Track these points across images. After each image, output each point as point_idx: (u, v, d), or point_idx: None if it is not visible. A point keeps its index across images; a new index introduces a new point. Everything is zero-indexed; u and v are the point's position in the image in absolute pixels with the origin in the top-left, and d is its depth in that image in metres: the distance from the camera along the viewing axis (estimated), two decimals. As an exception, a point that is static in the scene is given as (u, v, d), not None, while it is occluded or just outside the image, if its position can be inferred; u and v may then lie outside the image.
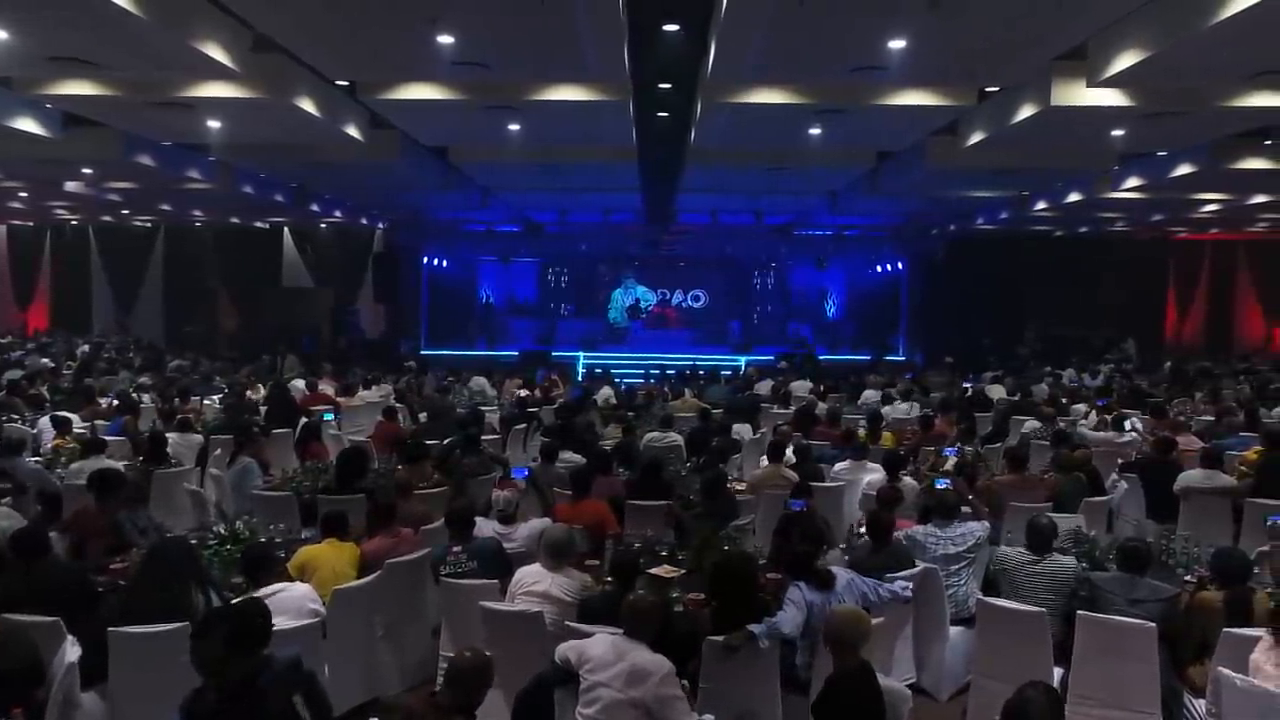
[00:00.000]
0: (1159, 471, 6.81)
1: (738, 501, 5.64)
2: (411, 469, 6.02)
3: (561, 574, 3.94)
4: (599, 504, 5.28)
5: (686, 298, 26.09)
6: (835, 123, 10.51)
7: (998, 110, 10.60)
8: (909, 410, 10.26)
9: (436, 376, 13.64)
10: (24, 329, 25.68)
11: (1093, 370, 14.87)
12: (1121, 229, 21.22)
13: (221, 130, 11.28)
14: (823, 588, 3.92)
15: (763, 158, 13.07)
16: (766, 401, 11.20)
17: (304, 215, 21.71)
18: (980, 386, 13.47)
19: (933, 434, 8.42)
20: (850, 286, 25.44)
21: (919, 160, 13.30)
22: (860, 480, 6.42)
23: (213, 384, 11.85)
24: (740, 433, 8.40)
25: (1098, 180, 15.23)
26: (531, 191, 17.46)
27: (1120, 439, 8.19)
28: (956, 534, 4.68)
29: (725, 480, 5.63)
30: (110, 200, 18.90)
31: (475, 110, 10.00)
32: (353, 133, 11.52)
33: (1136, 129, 10.42)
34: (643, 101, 11.32)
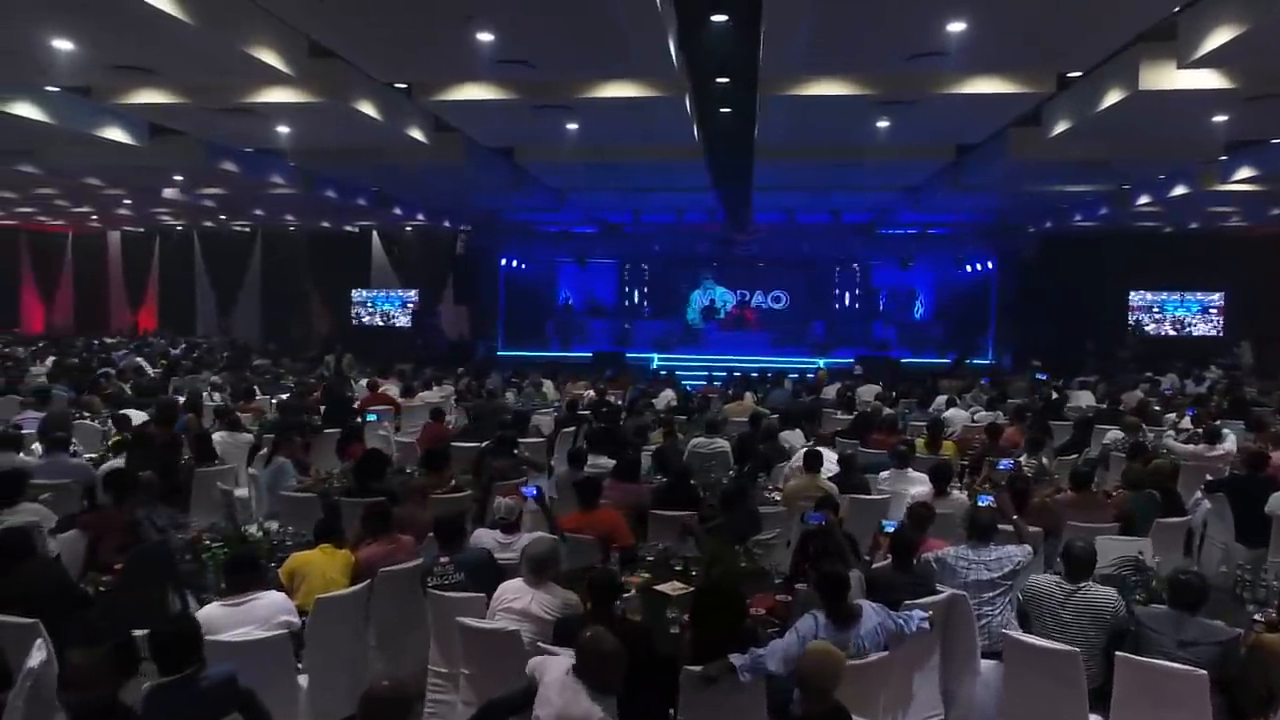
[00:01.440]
0: (1249, 489, 6.12)
1: (759, 515, 5.30)
2: (432, 473, 5.93)
3: (543, 590, 3.72)
4: (610, 514, 5.05)
5: (767, 299, 25.59)
6: (903, 114, 10.00)
7: (1082, 97, 9.90)
8: (973, 417, 9.66)
9: (501, 377, 13.66)
10: (135, 329, 27.24)
11: (1197, 376, 13.73)
12: (1236, 224, 19.69)
13: (290, 135, 11.57)
14: (841, 625, 3.50)
15: (833, 153, 12.59)
16: (830, 406, 10.73)
17: (389, 219, 22.33)
18: (1067, 392, 12.65)
19: (1000, 444, 7.86)
20: (938, 286, 24.49)
21: (1001, 153, 12.60)
22: (906, 493, 5.98)
23: (281, 383, 12.14)
24: (790, 440, 8.01)
25: (1204, 172, 14.18)
26: (601, 192, 17.39)
27: (1211, 452, 7.43)
28: (991, 558, 4.22)
29: (747, 492, 5.30)
30: (205, 205, 19.83)
31: (529, 110, 9.92)
32: (417, 135, 11.65)
33: (1240, 114, 9.55)
34: (702, 97, 11.08)
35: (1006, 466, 5.96)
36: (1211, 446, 7.44)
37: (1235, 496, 6.21)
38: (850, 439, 8.45)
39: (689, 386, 14.00)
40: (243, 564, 3.71)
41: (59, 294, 28.22)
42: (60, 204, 19.91)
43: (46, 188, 17.11)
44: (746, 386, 12.08)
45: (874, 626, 3.51)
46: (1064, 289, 21.34)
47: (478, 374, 14.49)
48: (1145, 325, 21.01)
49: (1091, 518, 5.43)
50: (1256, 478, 6.25)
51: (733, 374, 14.04)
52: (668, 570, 4.61)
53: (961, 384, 12.43)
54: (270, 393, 11.52)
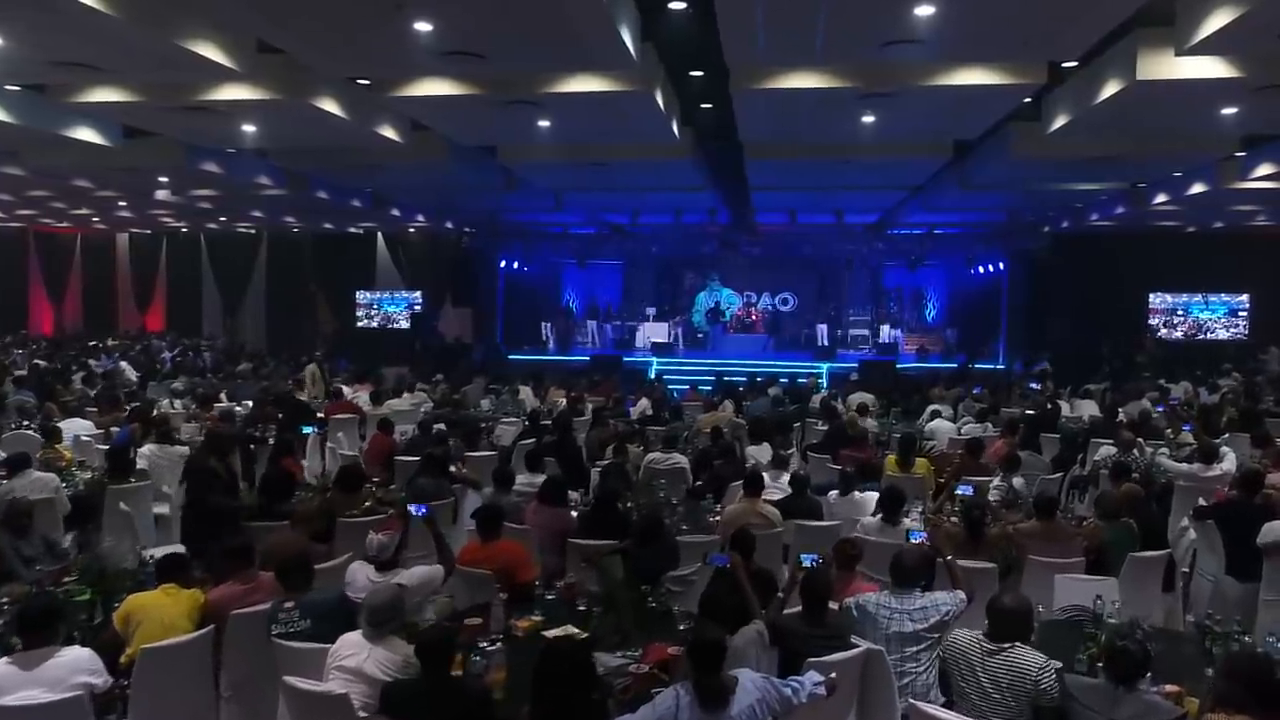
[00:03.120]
0: (1240, 516, 5.52)
1: (677, 547, 4.82)
2: (344, 494, 5.51)
3: (384, 646, 3.26)
4: (511, 546, 4.59)
5: (774, 301, 25.04)
6: (888, 109, 9.47)
7: (1080, 89, 9.35)
8: (961, 429, 9.09)
9: (481, 383, 13.25)
10: (142, 331, 27.26)
11: (1211, 384, 12.98)
12: (1262, 224, 18.86)
13: (259, 134, 11.28)
14: (709, 704, 2.89)
15: (823, 150, 12.07)
16: (814, 416, 10.19)
17: (389, 220, 22.10)
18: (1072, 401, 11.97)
19: (983, 461, 7.30)
20: (950, 288, 23.81)
21: (1004, 150, 12.08)
22: (856, 519, 5.46)
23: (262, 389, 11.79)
24: (757, 456, 7.51)
25: (1222, 169, 13.50)
26: (595, 192, 16.98)
27: (1208, 472, 6.81)
28: (915, 607, 3.70)
29: (664, 522, 4.80)
30: (202, 208, 19.72)
31: (495, 106, 9.52)
32: (390, 134, 11.33)
33: (1250, 105, 8.93)
34: (682, 94, 10.63)
35: (965, 491, 5.42)
36: (1208, 465, 6.82)
37: (1225, 524, 5.62)
38: (822, 453, 7.93)
39: (679, 392, 13.52)
40: (34, 618, 3.25)
41: (68, 296, 28.31)
42: (57, 205, 19.86)
43: (38, 190, 17.03)
44: (730, 394, 11.55)
45: (749, 706, 2.93)
46: (1079, 291, 20.61)
47: (461, 379, 14.08)
48: (1166, 329, 20.17)
49: (1058, 551, 4.88)
50: (1249, 503, 5.66)
51: (721, 379, 13.51)
52: (568, 612, 4.14)
53: (955, 393, 11.80)
54: (241, 399, 11.20)
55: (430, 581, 4.08)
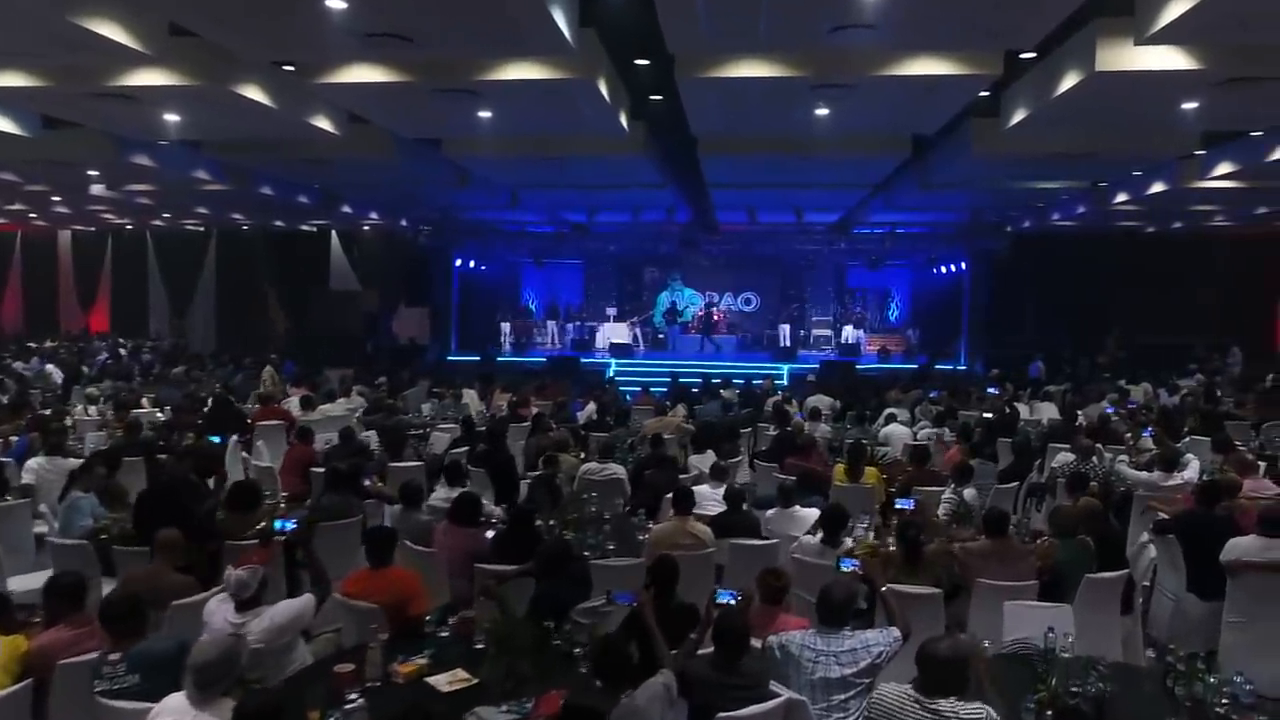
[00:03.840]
0: (1202, 530, 5.19)
1: (589, 576, 4.36)
2: (235, 514, 4.98)
3: (211, 711, 2.76)
4: (403, 575, 4.09)
5: (736, 301, 24.70)
6: (842, 101, 9.10)
7: (1039, 82, 9.08)
8: (917, 435, 8.73)
9: (425, 386, 12.70)
10: (86, 332, 26.31)
11: (1171, 385, 12.77)
12: (1221, 224, 18.86)
13: (184, 123, 10.67)
14: None
15: (778, 146, 11.71)
16: (765, 421, 9.78)
17: (339, 217, 21.46)
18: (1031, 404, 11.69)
19: (931, 470, 6.92)
20: (913, 288, 23.62)
21: (964, 147, 11.81)
22: (794, 537, 5.04)
23: (176, 394, 11.16)
24: (700, 465, 7.07)
25: (1183, 168, 13.37)
26: (550, 189, 16.50)
27: (1169, 480, 6.49)
28: (844, 649, 3.27)
29: (569, 550, 4.32)
30: (142, 203, 18.98)
31: (429, 94, 9.01)
32: (326, 125, 10.80)
33: (1211, 100, 8.68)
34: (631, 85, 10.19)
35: (906, 505, 5.02)
36: (1169, 474, 6.50)
37: (1186, 539, 5.28)
38: (770, 461, 7.51)
39: (633, 395, 13.04)
40: None
41: (7, 295, 27.27)
42: (-16, 200, 19.01)
43: (-42, 184, 16.22)
44: (682, 397, 11.11)
45: None
46: (1041, 291, 20.47)
47: (406, 382, 13.51)
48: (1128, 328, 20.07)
49: (1009, 573, 4.50)
50: (1212, 516, 5.32)
51: (676, 380, 13.06)
52: (462, 652, 3.67)
53: (913, 395, 11.46)
54: (166, 404, 10.56)
55: (299, 617, 3.59)
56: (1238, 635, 4.77)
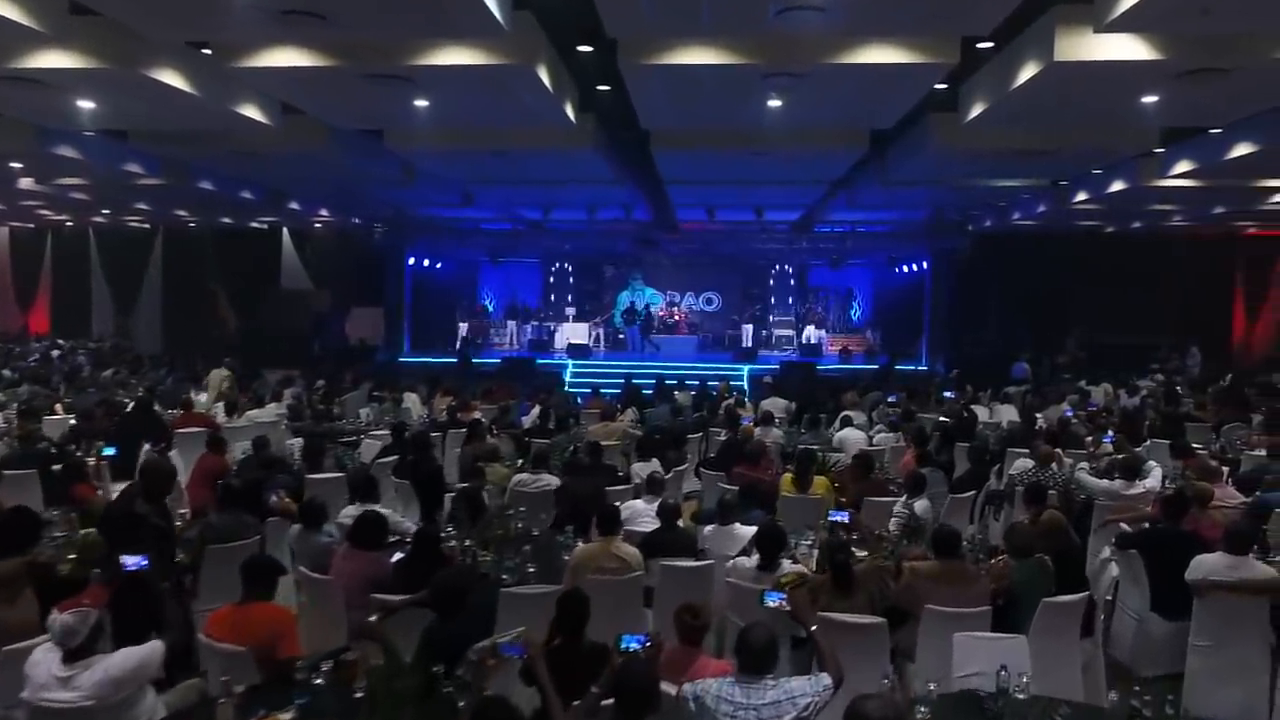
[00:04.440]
0: (1166, 545, 4.86)
1: (494, 610, 3.89)
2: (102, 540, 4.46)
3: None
4: (274, 612, 3.60)
5: (698, 300, 24.36)
6: (796, 91, 8.71)
7: (998, 74, 8.78)
8: (872, 440, 8.37)
9: (365, 389, 12.11)
10: (24, 332, 25.32)
11: (1131, 386, 12.57)
12: (1180, 224, 18.85)
13: (100, 111, 10.02)
14: None
15: (734, 140, 11.35)
16: (719, 426, 9.36)
17: (286, 214, 20.78)
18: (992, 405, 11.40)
19: (878, 479, 6.53)
20: (875, 287, 23.43)
21: (923, 142, 11.52)
22: (731, 557, 4.61)
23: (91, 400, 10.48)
24: (641, 475, 6.63)
25: (1143, 166, 13.24)
26: (500, 185, 15.99)
27: (1130, 489, 6.17)
28: (766, 700, 2.80)
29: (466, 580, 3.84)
30: (78, 198, 18.19)
31: (359, 81, 8.48)
32: (256, 115, 10.20)
33: (1172, 93, 8.43)
34: (575, 72, 9.74)
35: (839, 518, 4.60)
36: (1130, 483, 6.18)
37: (1151, 555, 4.94)
38: (716, 470, 7.09)
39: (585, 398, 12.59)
40: None
41: (-55, 294, 26.21)
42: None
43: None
44: (633, 400, 10.66)
45: None
46: (1003, 290, 20.35)
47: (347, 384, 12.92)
48: (1089, 328, 20.01)
49: (960, 597, 4.11)
50: (1177, 531, 4.99)
51: (629, 382, 12.62)
52: (340, 702, 3.19)
53: (872, 397, 11.12)
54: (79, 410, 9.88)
55: (142, 668, 3.08)
56: (1205, 660, 4.43)
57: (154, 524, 4.77)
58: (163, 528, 4.84)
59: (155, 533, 4.70)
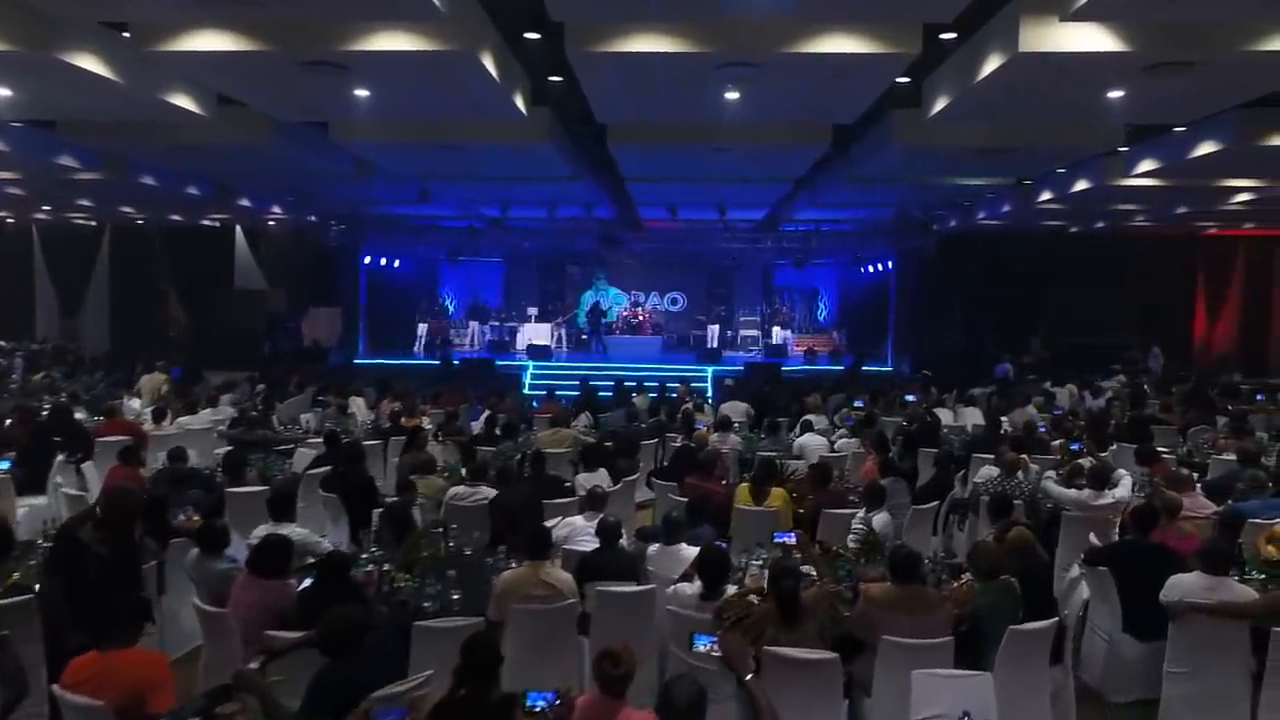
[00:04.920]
0: (1137, 561, 4.55)
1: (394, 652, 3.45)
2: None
3: None
4: (141, 659, 3.14)
5: (663, 300, 24.04)
6: (754, 82, 8.36)
7: (961, 67, 8.51)
8: (834, 446, 8.04)
9: (309, 393, 11.58)
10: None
11: (1095, 387, 12.39)
12: (1143, 224, 18.86)
13: (17, 99, 9.43)
14: None
15: (693, 134, 10.99)
16: (674, 432, 8.98)
17: (247, 213, 20.12)
18: (957, 408, 11.15)
19: (837, 491, 6.18)
20: (841, 287, 23.25)
21: (887, 138, 11.24)
22: (676, 580, 4.23)
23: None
24: (585, 485, 6.23)
25: (1107, 165, 13.13)
26: (456, 181, 15.49)
27: (1099, 499, 5.89)
28: None
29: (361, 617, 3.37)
30: (13, 193, 17.41)
31: (292, 67, 7.98)
32: (187, 105, 9.64)
33: (1139, 88, 8.20)
34: (526, 62, 9.32)
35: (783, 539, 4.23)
36: (1099, 492, 5.89)
37: (1121, 572, 4.64)
38: (667, 480, 6.70)
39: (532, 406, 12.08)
40: None
41: (-122, 295, 25.08)
42: None
43: None
44: (587, 405, 10.24)
45: None
46: (967, 290, 20.22)
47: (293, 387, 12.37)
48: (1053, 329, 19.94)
49: (920, 626, 3.76)
50: (1148, 545, 4.69)
51: (585, 384, 12.20)
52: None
53: (836, 399, 10.80)
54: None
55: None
56: (1181, 687, 4.13)
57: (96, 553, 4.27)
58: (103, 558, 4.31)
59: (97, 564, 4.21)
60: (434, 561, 4.87)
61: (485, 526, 5.75)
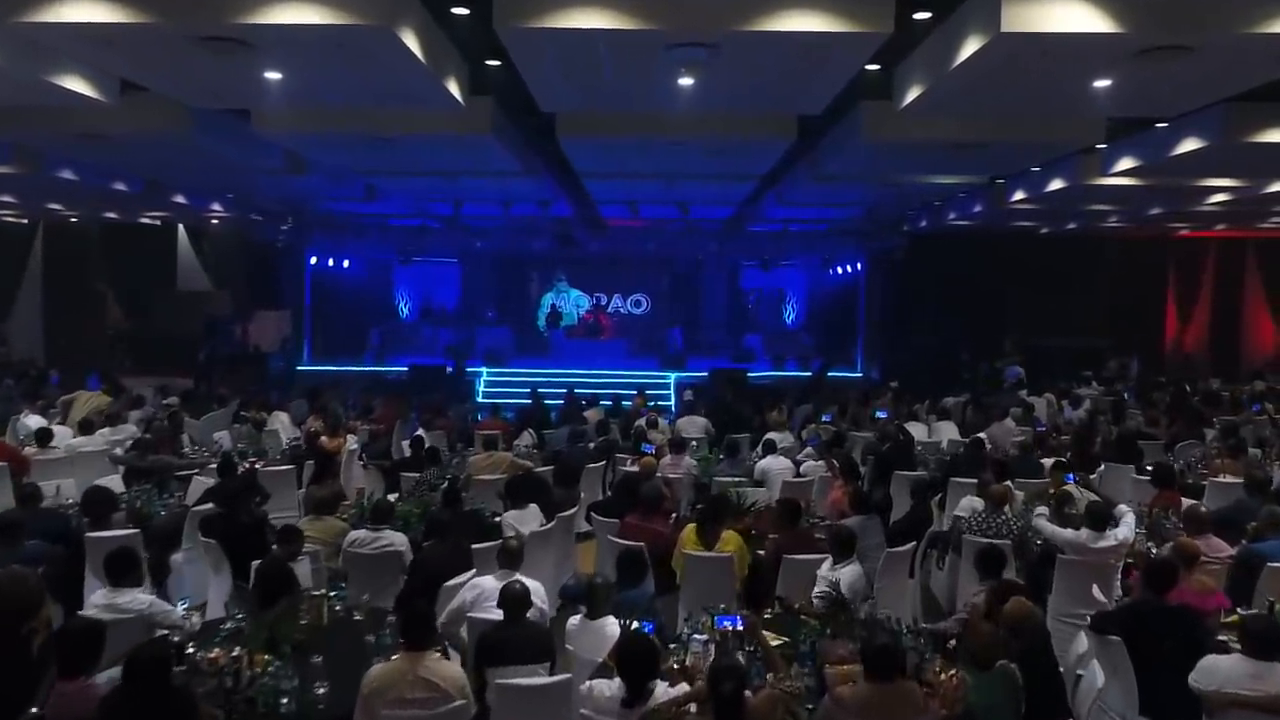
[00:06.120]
0: (1156, 630, 3.79)
1: None
2: None
3: None
4: None
5: (626, 303, 23.19)
6: (709, 67, 7.54)
7: (937, 51, 7.76)
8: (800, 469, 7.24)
9: (231, 409, 10.55)
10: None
11: (1074, 397, 11.74)
12: (1114, 225, 18.41)
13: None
14: None
15: (648, 126, 10.16)
16: (625, 453, 8.12)
17: (185, 211, 18.99)
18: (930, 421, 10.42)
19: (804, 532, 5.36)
20: (810, 290, 22.55)
21: (855, 132, 10.54)
22: (591, 685, 3.37)
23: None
24: (512, 525, 5.37)
25: (1083, 164, 12.56)
26: (398, 176, 14.54)
27: (1100, 542, 5.12)
28: None
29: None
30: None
31: (188, 44, 7.03)
32: (80, 89, 8.62)
33: (1127, 76, 7.51)
34: (462, 45, 8.44)
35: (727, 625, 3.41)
36: (1099, 533, 5.14)
37: (1136, 643, 3.87)
38: (608, 517, 5.84)
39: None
40: None
41: None
42: None
43: None
44: (534, 419, 9.34)
45: None
46: (938, 293, 19.63)
47: (211, 400, 11.34)
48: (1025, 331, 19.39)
49: None
50: (1165, 609, 3.93)
51: (535, 394, 11.28)
52: None
53: (803, 411, 10.01)
54: None
55: None
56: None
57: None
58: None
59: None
60: (312, 633, 3.98)
61: (392, 582, 4.86)
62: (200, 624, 4.07)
